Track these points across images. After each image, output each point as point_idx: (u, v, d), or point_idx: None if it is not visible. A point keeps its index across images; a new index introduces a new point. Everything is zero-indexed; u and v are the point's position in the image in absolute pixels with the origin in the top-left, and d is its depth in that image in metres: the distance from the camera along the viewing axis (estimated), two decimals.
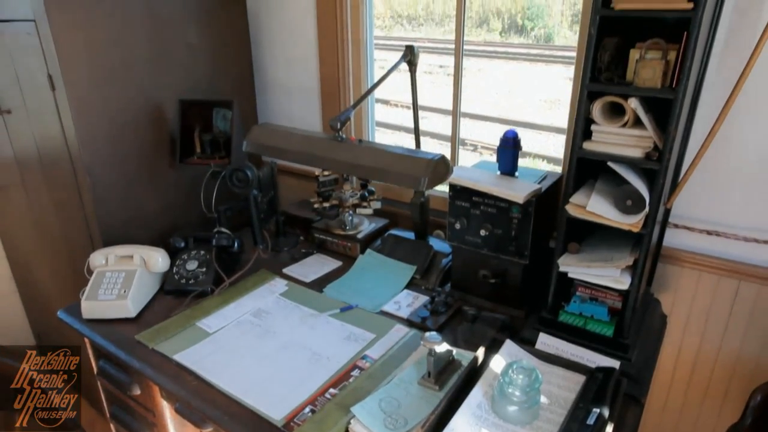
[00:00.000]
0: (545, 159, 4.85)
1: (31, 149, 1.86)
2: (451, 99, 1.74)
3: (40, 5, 1.44)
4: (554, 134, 5.38)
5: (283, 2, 1.93)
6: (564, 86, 6.81)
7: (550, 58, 7.72)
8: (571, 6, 9.27)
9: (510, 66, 7.91)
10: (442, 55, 8.19)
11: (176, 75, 1.76)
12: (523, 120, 5.87)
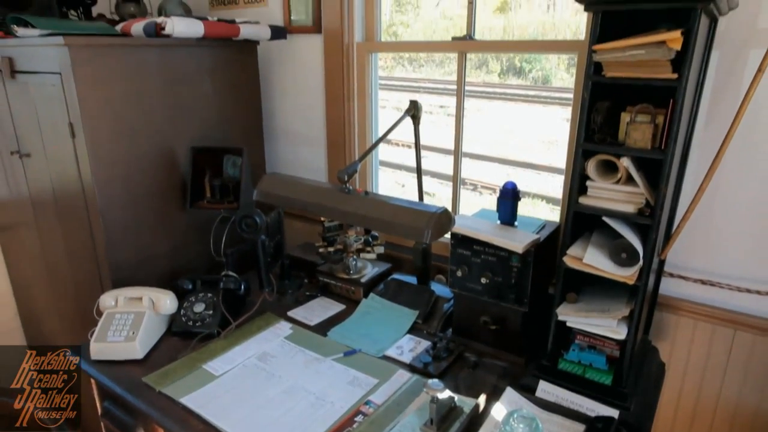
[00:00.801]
0: (544, 199, 4.92)
1: (46, 191, 1.92)
2: (453, 141, 1.81)
3: (66, 61, 1.52)
4: (552, 174, 5.48)
5: (293, 56, 2.04)
6: (561, 127, 6.96)
7: (547, 99, 7.90)
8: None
9: (508, 106, 8.10)
10: (442, 96, 8.38)
11: (189, 124, 1.84)
12: (521, 160, 5.98)
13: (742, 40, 1.24)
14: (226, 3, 2.19)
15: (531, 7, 10.66)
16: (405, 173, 5.35)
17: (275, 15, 2.03)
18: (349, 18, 1.85)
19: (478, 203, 4.93)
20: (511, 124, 7.55)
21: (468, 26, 1.71)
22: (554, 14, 10.31)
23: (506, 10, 10.60)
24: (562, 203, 1.66)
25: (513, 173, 5.75)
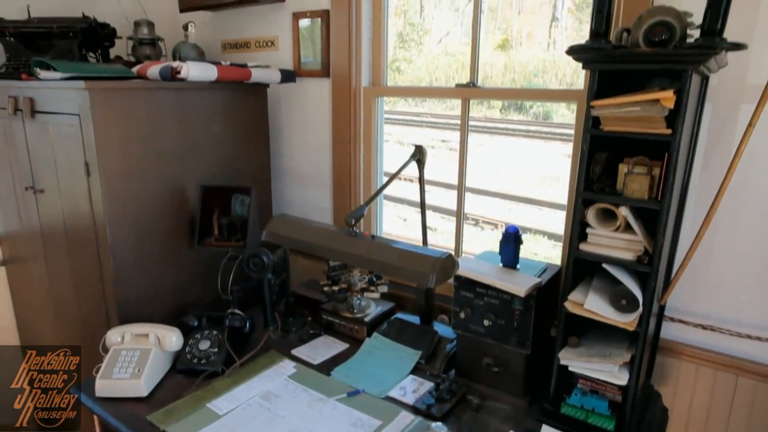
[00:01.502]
0: (545, 235, 4.95)
1: (57, 226, 1.96)
2: (457, 181, 1.85)
3: (86, 103, 1.59)
4: (553, 210, 5.52)
5: (302, 98, 2.11)
6: (562, 162, 7.04)
7: (548, 135, 8.02)
8: (567, 86, 9.72)
9: (510, 141, 8.21)
10: (444, 130, 8.51)
11: (199, 162, 1.90)
12: (523, 195, 6.04)
13: (733, 95, 1.30)
14: (238, 47, 2.28)
15: (531, 44, 10.93)
16: (407, 207, 5.39)
17: (285, 58, 2.11)
18: (357, 63, 1.93)
19: (480, 238, 4.96)
20: (513, 159, 7.65)
21: (471, 73, 1.78)
22: (554, 52, 10.55)
23: (507, 47, 10.87)
24: (563, 247, 1.69)
25: (515, 208, 5.80)
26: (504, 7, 11.06)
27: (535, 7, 11.13)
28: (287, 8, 2.05)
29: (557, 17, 10.60)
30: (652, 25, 1.04)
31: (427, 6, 12.01)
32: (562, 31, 10.71)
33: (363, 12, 1.89)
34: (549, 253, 4.69)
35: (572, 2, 10.93)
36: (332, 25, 1.93)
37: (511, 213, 5.68)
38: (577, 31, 10.99)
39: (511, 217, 5.50)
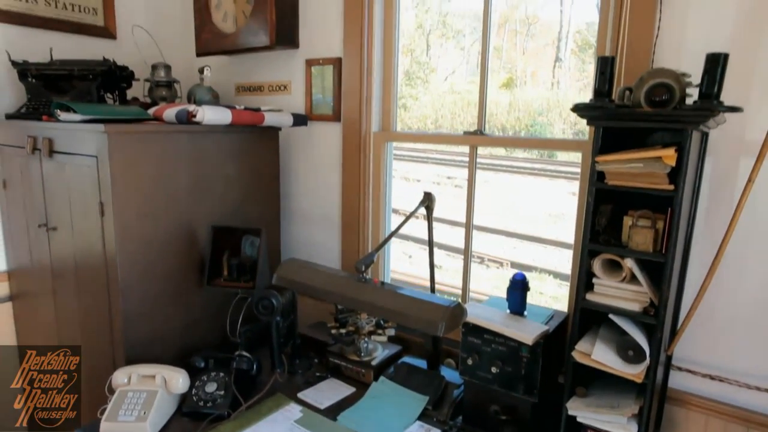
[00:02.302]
0: (551, 274, 4.94)
1: (68, 264, 1.99)
2: (465, 225, 1.87)
3: (104, 146, 1.64)
4: (559, 248, 5.53)
5: (313, 141, 2.16)
6: (567, 201, 7.08)
7: (553, 173, 8.10)
8: (571, 125, 9.86)
9: (515, 179, 8.29)
10: (450, 167, 8.60)
11: (210, 203, 1.93)
12: (528, 233, 6.06)
13: (733, 149, 1.34)
14: (252, 90, 2.35)
15: (536, 83, 11.15)
16: (412, 244, 5.42)
17: (298, 103, 2.18)
18: (367, 108, 1.99)
19: (485, 276, 4.95)
20: (518, 197, 7.70)
21: (479, 121, 1.83)
22: (558, 91, 10.76)
23: (512, 86, 11.10)
24: (570, 294, 1.70)
25: (520, 246, 5.80)
26: (509, 47, 11.35)
27: (539, 48, 11.41)
28: (301, 55, 2.13)
29: (560, 58, 10.85)
30: (653, 86, 1.08)
31: (434, 45, 12.30)
32: (566, 72, 10.95)
33: (374, 60, 1.96)
34: (555, 292, 4.67)
35: (575, 44, 11.21)
36: (344, 72, 2.00)
37: (516, 251, 5.69)
38: (580, 71, 11.23)
39: (517, 256, 5.51)
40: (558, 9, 10.86)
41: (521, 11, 11.09)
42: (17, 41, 2.35)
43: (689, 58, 1.32)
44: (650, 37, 1.37)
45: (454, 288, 4.18)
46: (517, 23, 11.27)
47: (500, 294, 1.62)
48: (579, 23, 11.03)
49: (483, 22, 1.78)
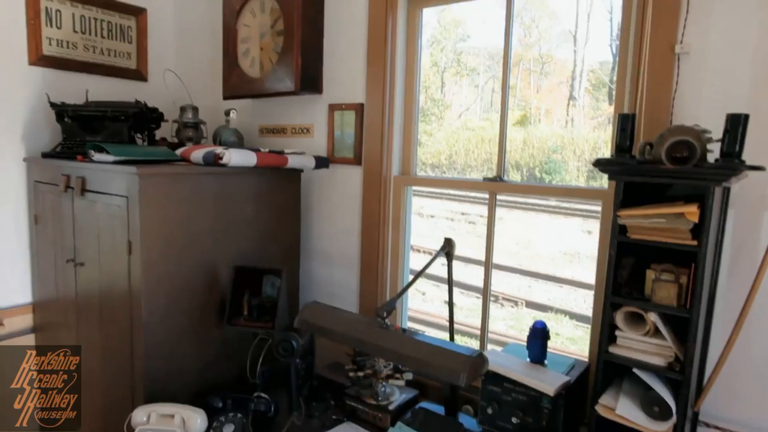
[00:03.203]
0: (567, 314, 4.88)
1: (93, 298, 2.03)
2: (483, 260, 1.87)
3: (135, 187, 1.70)
4: (575, 288, 5.47)
5: (334, 183, 2.21)
6: (582, 239, 7.04)
7: (568, 210, 8.07)
8: (586, 163, 9.89)
9: (529, 217, 8.27)
10: (464, 203, 8.63)
11: (233, 243, 1.97)
12: (543, 272, 6.01)
13: (755, 202, 1.35)
14: (275, 132, 2.42)
15: (550, 121, 11.25)
16: (425, 280, 5.40)
17: (320, 145, 2.24)
18: (388, 153, 2.04)
19: (500, 316, 4.90)
20: (532, 234, 7.68)
21: (498, 168, 1.86)
22: (572, 129, 10.83)
23: (526, 123, 11.22)
24: (591, 341, 1.68)
25: (535, 285, 5.76)
26: (522, 85, 11.53)
27: (553, 86, 11.56)
28: (324, 100, 2.20)
29: (575, 96, 10.97)
30: (674, 143, 1.11)
31: (448, 83, 12.51)
32: (580, 110, 11.04)
33: (395, 107, 2.02)
34: (571, 333, 4.61)
35: (588, 82, 11.34)
36: (366, 117, 2.06)
37: (531, 290, 5.64)
38: (594, 109, 11.31)
39: (532, 295, 5.45)
40: (572, 49, 11.05)
41: (535, 51, 11.31)
42: (56, 83, 2.47)
43: (708, 112, 1.35)
44: (669, 92, 1.40)
45: (468, 327, 4.14)
46: (531, 62, 11.48)
47: (515, 334, 1.62)
48: (592, 62, 11.18)
49: (502, 82, 1.83)
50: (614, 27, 10.01)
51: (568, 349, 4.00)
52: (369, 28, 2.02)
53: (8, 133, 2.37)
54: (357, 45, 2.08)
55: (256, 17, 2.26)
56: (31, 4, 2.39)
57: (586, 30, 10.72)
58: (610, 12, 10.02)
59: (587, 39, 10.90)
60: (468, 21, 11.15)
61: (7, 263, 2.40)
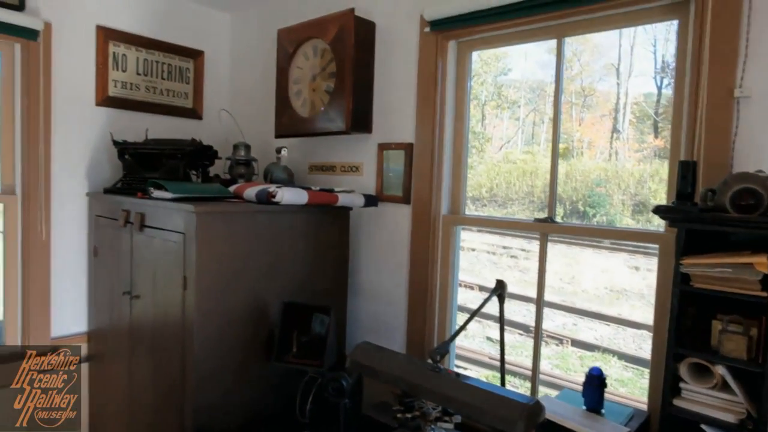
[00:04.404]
0: (615, 355, 4.68)
1: (146, 330, 2.09)
2: (528, 293, 1.85)
3: (192, 224, 1.77)
4: (623, 327, 5.26)
5: (382, 221, 2.23)
6: (629, 275, 6.79)
7: (614, 245, 7.83)
8: (631, 196, 9.63)
9: (573, 251, 8.07)
10: (504, 237, 8.50)
11: (282, 279, 2.01)
12: (587, 309, 5.82)
13: None
14: (324, 169, 2.48)
15: (593, 154, 11.07)
16: (465, 315, 5.29)
17: (369, 183, 2.27)
18: (437, 192, 2.05)
19: (544, 354, 4.75)
20: (576, 270, 7.47)
21: (549, 209, 1.84)
22: (616, 162, 10.61)
23: (568, 156, 11.06)
24: (650, 390, 1.61)
25: (580, 323, 5.57)
26: (564, 118, 11.43)
27: (596, 119, 11.41)
28: (373, 139, 2.25)
29: (618, 129, 10.78)
30: (739, 191, 1.08)
31: (489, 115, 12.52)
32: (624, 142, 10.83)
33: (445, 146, 2.05)
34: (620, 374, 4.41)
35: (633, 115, 11.14)
36: (415, 157, 2.09)
37: (576, 328, 5.45)
38: (638, 142, 11.08)
39: (577, 333, 5.27)
40: (614, 82, 10.92)
41: (577, 83, 11.23)
42: (118, 122, 2.63)
43: None
44: (728, 137, 1.37)
45: (510, 364, 4.03)
46: (573, 95, 11.39)
47: (560, 373, 1.57)
48: (636, 95, 11.01)
49: (553, 125, 1.83)
50: (658, 59, 9.85)
51: (617, 391, 3.83)
52: (419, 70, 2.07)
53: (74, 170, 2.52)
54: (407, 86, 2.13)
55: (308, 60, 2.36)
56: (101, 49, 2.58)
57: (630, 63, 10.58)
58: (654, 45, 9.89)
59: (630, 72, 10.76)
60: (509, 55, 11.21)
61: (67, 293, 2.52)
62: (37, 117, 2.37)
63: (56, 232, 2.46)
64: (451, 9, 1.91)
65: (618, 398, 2.29)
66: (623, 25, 1.76)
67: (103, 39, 2.58)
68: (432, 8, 1.97)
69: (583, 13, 1.71)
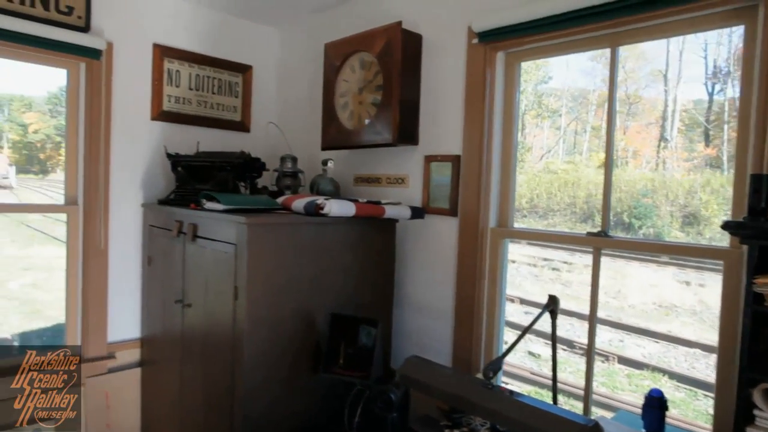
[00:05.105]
0: (666, 374, 4.48)
1: (197, 338, 2.14)
2: (581, 308, 1.79)
3: (244, 235, 1.80)
4: (673, 345, 5.04)
5: (428, 234, 2.21)
6: (680, 291, 6.51)
7: (662, 259, 7.54)
8: (680, 208, 9.27)
9: (617, 264, 7.81)
10: (546, 248, 8.32)
11: (329, 291, 2.03)
12: (636, 325, 5.60)
13: None
14: (370, 181, 2.50)
15: (638, 163, 10.73)
16: (507, 329, 5.19)
17: (415, 196, 2.27)
18: (485, 204, 2.03)
19: None
20: (621, 283, 7.23)
21: (603, 223, 1.79)
22: (664, 173, 10.25)
23: (612, 165, 10.72)
24: (715, 415, 1.52)
25: (627, 339, 5.37)
26: (608, 127, 11.14)
27: (641, 127, 11.07)
28: (420, 151, 2.25)
29: (666, 137, 10.42)
30: None
31: (529, 125, 12.38)
32: (673, 151, 10.45)
33: (493, 158, 2.03)
34: (671, 395, 4.21)
35: (681, 123, 10.75)
36: (462, 169, 2.07)
37: (623, 345, 5.26)
38: (688, 151, 10.68)
39: (624, 349, 5.08)
40: (662, 89, 10.58)
41: (621, 91, 10.95)
42: (171, 136, 2.72)
43: None
44: None
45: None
46: (617, 103, 11.11)
47: (606, 392, 1.51)
48: (685, 102, 10.63)
49: (606, 139, 1.79)
50: (709, 65, 9.49)
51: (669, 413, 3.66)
52: (466, 81, 2.06)
53: (131, 182, 2.63)
54: (454, 98, 2.12)
55: (355, 73, 2.38)
56: (157, 66, 2.69)
57: (678, 69, 10.23)
58: (705, 50, 9.53)
59: (679, 78, 10.40)
60: (550, 63, 11.05)
61: (121, 300, 2.62)
62: (99, 132, 2.48)
63: (113, 241, 2.56)
64: (500, 20, 1.89)
65: (675, 422, 2.19)
66: (682, 33, 1.70)
67: (159, 56, 2.68)
68: (480, 20, 1.96)
69: (639, 21, 1.67)
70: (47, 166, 6.22)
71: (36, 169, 6.52)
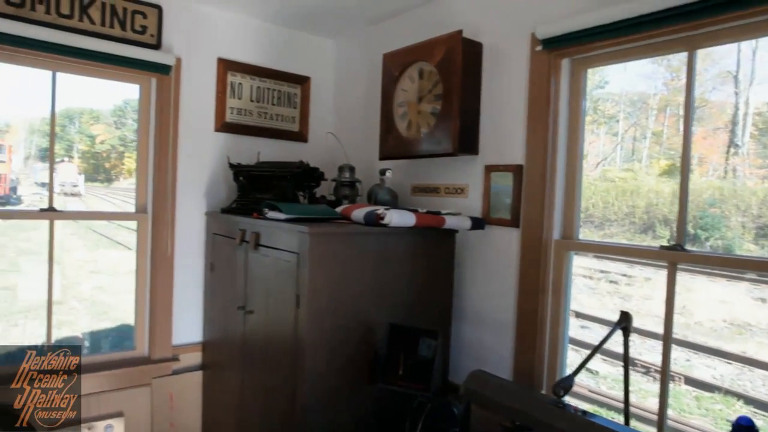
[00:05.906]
0: (741, 399, 4.18)
1: (258, 345, 2.18)
2: (651, 325, 1.69)
3: (305, 244, 1.82)
4: (748, 367, 4.69)
5: (488, 245, 2.16)
6: (754, 309, 6.09)
7: (732, 273, 7.07)
8: (753, 218, 8.71)
9: (683, 278, 7.40)
10: (602, 260, 8.01)
11: (388, 301, 2.02)
12: (704, 344, 5.26)
13: None
14: (428, 191, 2.48)
15: (704, 171, 10.17)
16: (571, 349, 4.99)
17: (475, 206, 2.23)
18: (548, 215, 1.96)
19: (652, 391, 4.35)
20: (686, 299, 6.83)
21: (679, 235, 1.69)
22: (734, 181, 9.66)
23: (674, 173, 10.24)
24: None
25: (694, 359, 5.05)
26: (670, 133, 10.63)
27: (708, 132, 10.49)
28: (480, 161, 2.21)
29: (736, 143, 9.83)
30: None
31: (585, 131, 11.99)
32: (744, 158, 9.84)
33: (557, 168, 1.96)
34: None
35: (754, 127, 10.12)
36: (525, 179, 2.02)
37: (690, 364, 4.95)
38: (763, 158, 10.04)
39: (691, 370, 4.78)
40: (731, 91, 10.01)
41: (685, 94, 10.42)
42: (233, 147, 2.81)
43: None
44: None
45: (612, 399, 3.72)
46: (680, 107, 10.58)
47: (673, 414, 1.40)
48: (759, 104, 10.00)
49: (683, 145, 1.69)
50: None
51: None
52: (529, 90, 2.01)
53: (195, 191, 2.73)
54: (516, 107, 2.08)
55: (414, 82, 2.38)
56: (221, 79, 2.78)
57: (751, 69, 9.65)
58: None
59: (752, 79, 9.80)
60: (606, 67, 10.68)
61: (185, 305, 2.71)
62: (167, 143, 2.60)
63: (178, 248, 2.66)
64: (566, 26, 1.84)
65: None
66: (765, 34, 1.59)
67: (223, 70, 2.78)
68: (545, 26, 1.91)
69: (720, 22, 1.57)
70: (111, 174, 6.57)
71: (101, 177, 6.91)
